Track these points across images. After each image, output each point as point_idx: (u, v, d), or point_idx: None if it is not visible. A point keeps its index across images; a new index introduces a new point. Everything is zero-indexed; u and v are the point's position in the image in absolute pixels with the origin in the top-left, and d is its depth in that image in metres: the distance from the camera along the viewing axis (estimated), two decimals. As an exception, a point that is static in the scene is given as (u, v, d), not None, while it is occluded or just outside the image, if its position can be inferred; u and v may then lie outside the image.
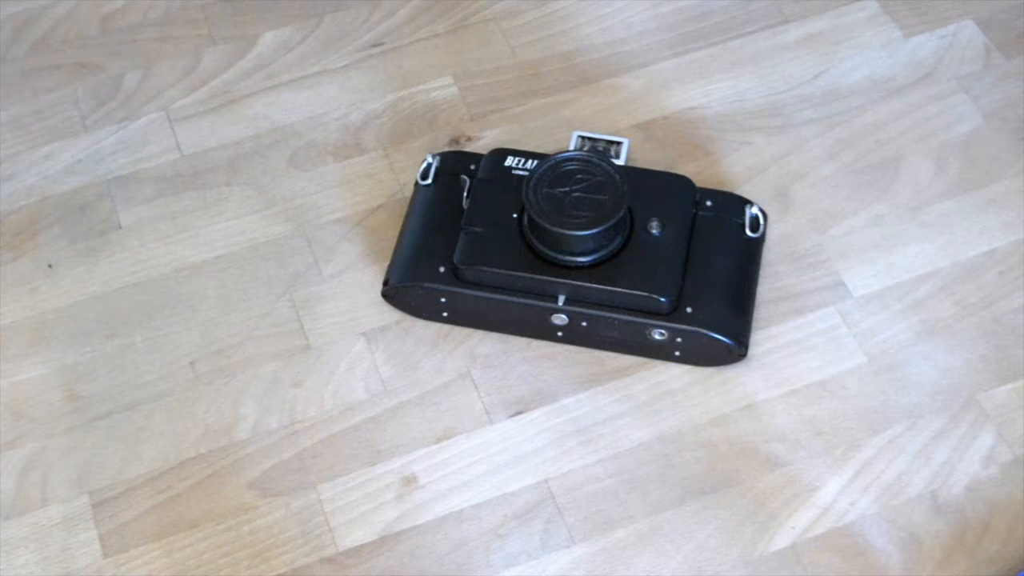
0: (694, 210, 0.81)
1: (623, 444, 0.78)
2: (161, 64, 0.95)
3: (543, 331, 0.81)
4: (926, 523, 0.75)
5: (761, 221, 0.82)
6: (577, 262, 0.78)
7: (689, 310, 0.78)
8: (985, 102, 0.91)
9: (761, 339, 0.81)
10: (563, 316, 0.79)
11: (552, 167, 0.79)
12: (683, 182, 0.82)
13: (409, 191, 0.87)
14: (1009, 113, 0.90)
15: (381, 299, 0.83)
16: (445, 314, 0.82)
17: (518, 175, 0.81)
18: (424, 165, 0.85)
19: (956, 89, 0.92)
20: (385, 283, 0.82)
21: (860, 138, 0.90)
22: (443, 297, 0.80)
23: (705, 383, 0.80)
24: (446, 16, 0.97)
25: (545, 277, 0.78)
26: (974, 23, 0.95)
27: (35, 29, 0.97)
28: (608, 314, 0.78)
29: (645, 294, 0.77)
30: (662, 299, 0.77)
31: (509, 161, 0.83)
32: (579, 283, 0.78)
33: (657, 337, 0.79)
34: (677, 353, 0.80)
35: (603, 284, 0.78)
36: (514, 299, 0.79)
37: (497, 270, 0.79)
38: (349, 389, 0.81)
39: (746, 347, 0.79)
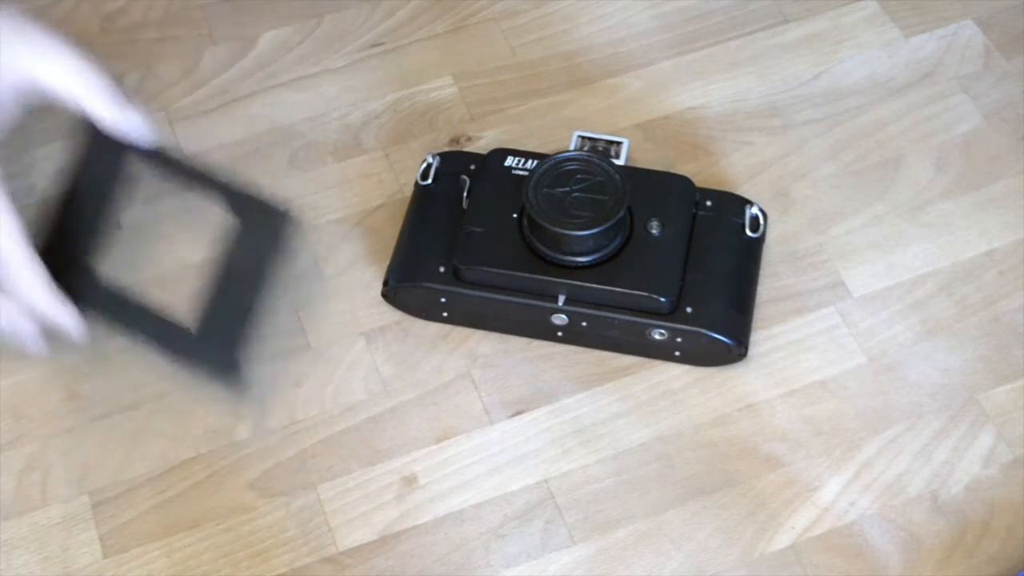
0: (694, 210, 0.81)
1: (623, 444, 0.78)
2: (161, 64, 0.95)
3: (543, 331, 0.81)
4: (926, 523, 0.75)
5: (761, 221, 0.82)
6: (577, 262, 0.78)
7: (689, 310, 0.78)
8: (985, 102, 0.91)
9: (761, 339, 0.81)
10: (563, 316, 0.79)
11: (552, 167, 0.79)
12: (683, 182, 0.82)
13: (409, 191, 0.87)
14: (1009, 113, 0.90)
15: (381, 299, 0.83)
16: (445, 314, 0.82)
17: (518, 175, 0.82)
18: (424, 165, 0.85)
19: (956, 89, 0.92)
20: (385, 283, 0.82)
21: (860, 138, 0.90)
22: (443, 297, 0.80)
23: (705, 383, 0.80)
24: (446, 16, 0.97)
25: (545, 277, 0.78)
26: (974, 23, 0.95)
27: (35, 29, 0.97)
28: (608, 314, 0.78)
29: (645, 294, 0.77)
30: (662, 299, 0.77)
31: (509, 161, 0.83)
32: (579, 283, 0.78)
33: (657, 337, 0.79)
34: (677, 353, 0.80)
35: (603, 284, 0.78)
36: (514, 299, 0.79)
37: (497, 270, 0.79)
38: (349, 389, 0.81)
39: (746, 347, 0.79)
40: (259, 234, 0.72)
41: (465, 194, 0.82)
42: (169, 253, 0.86)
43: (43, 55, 0.66)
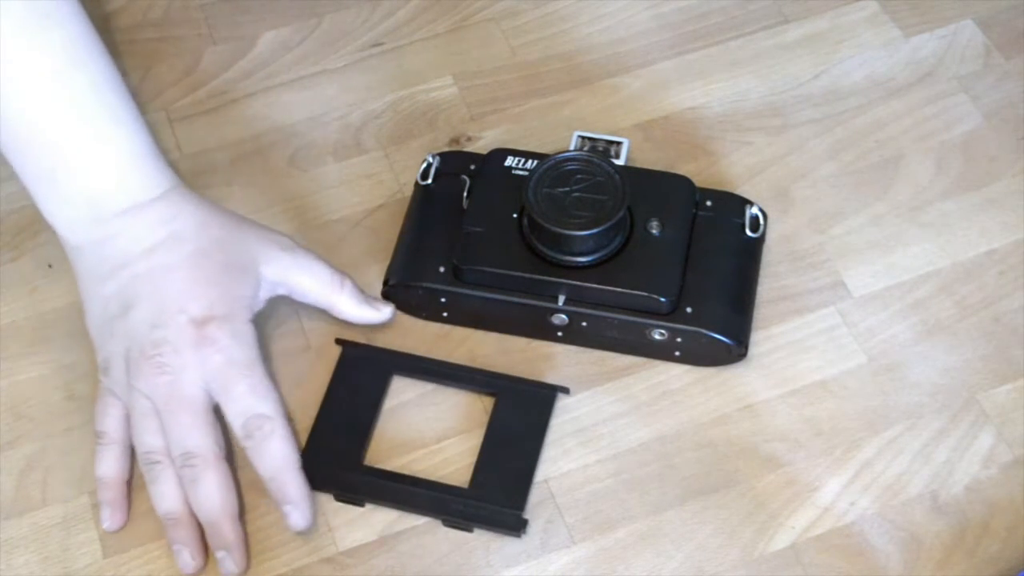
0: (694, 210, 0.81)
1: (623, 444, 0.78)
2: (161, 64, 0.95)
3: (543, 331, 0.81)
4: (926, 523, 0.75)
5: (761, 221, 0.82)
6: (577, 262, 0.78)
7: (689, 310, 0.78)
8: (985, 102, 0.91)
9: (761, 339, 0.81)
10: (563, 316, 0.79)
11: (552, 167, 0.79)
12: (683, 182, 0.82)
13: (409, 191, 0.87)
14: (1009, 113, 0.90)
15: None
16: (445, 314, 0.82)
17: (518, 175, 0.82)
18: (424, 165, 0.85)
19: (956, 89, 0.92)
20: (385, 283, 0.82)
21: (860, 138, 0.90)
22: (443, 297, 0.80)
23: (705, 383, 0.80)
24: (446, 16, 0.97)
25: (545, 277, 0.78)
26: (974, 23, 0.95)
27: (35, 29, 0.96)
28: (608, 314, 0.78)
29: (645, 294, 0.77)
30: (662, 299, 0.77)
31: (509, 161, 0.83)
32: (579, 283, 0.78)
33: (657, 337, 0.79)
34: (677, 353, 0.80)
35: (603, 284, 0.78)
36: (514, 299, 0.79)
37: (497, 270, 0.79)
38: (349, 389, 0.81)
39: (746, 347, 0.79)
40: (523, 406, 0.78)
41: (465, 194, 0.82)
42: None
43: (303, 269, 0.79)
